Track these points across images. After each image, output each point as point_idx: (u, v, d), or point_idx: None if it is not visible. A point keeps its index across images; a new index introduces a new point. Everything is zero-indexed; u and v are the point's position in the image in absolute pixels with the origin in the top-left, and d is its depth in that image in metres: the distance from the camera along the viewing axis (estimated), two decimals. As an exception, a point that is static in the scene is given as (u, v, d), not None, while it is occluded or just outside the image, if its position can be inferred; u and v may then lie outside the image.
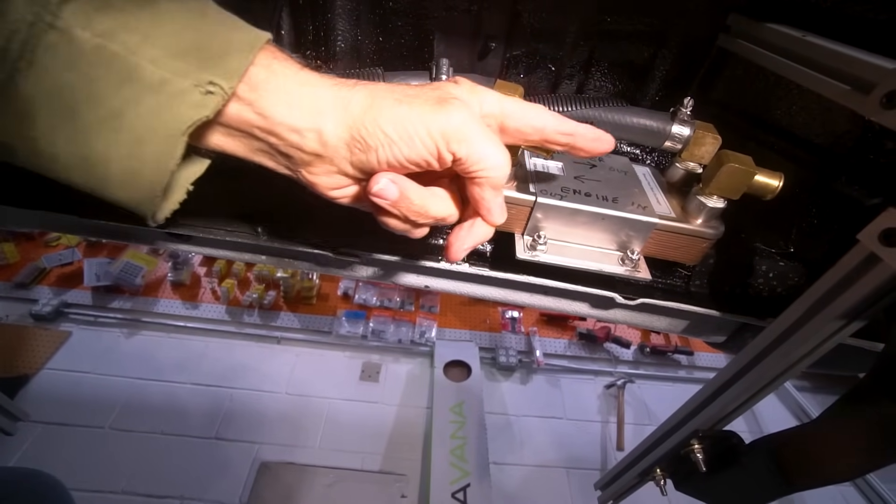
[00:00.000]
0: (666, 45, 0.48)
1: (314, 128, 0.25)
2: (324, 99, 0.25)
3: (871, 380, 0.36)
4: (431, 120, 0.25)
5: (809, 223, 0.44)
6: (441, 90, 0.27)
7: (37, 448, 1.39)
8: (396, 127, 0.25)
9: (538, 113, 0.30)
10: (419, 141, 0.26)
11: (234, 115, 0.25)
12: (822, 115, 0.42)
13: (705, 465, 0.46)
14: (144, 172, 0.24)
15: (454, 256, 0.32)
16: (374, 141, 0.26)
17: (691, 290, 0.48)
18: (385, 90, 0.27)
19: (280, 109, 0.25)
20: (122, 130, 0.22)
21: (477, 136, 0.26)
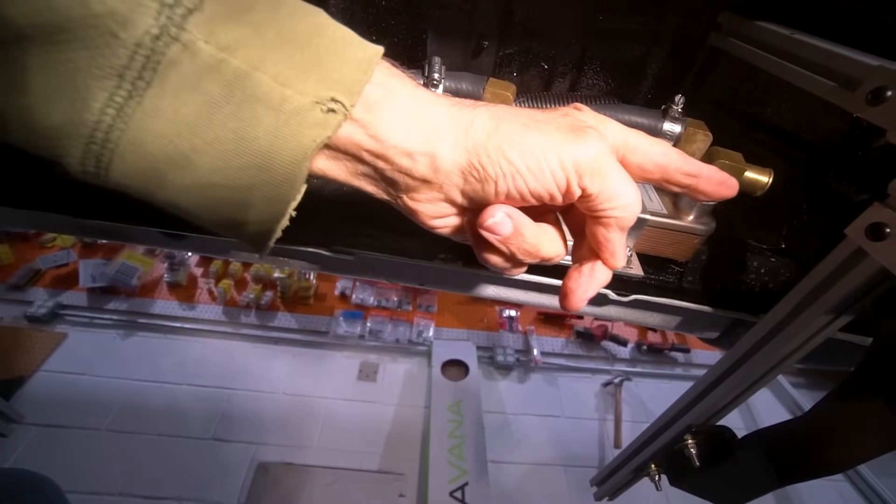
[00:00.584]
0: (658, 43, 0.48)
1: (428, 152, 0.23)
2: (441, 119, 0.24)
3: (859, 373, 0.37)
4: (565, 150, 0.23)
5: (800, 219, 0.45)
6: (571, 117, 0.25)
7: (32, 450, 1.38)
8: (524, 156, 0.23)
9: (663, 149, 0.27)
10: (549, 172, 0.23)
11: (345, 138, 0.23)
12: (811, 112, 0.42)
13: (699, 460, 0.46)
14: (262, 205, 0.22)
15: (576, 306, 0.29)
16: (496, 170, 0.23)
17: (684, 287, 0.48)
18: (510, 114, 0.24)
19: (395, 133, 0.23)
20: (244, 155, 0.21)
21: (612, 172, 0.24)
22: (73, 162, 0.19)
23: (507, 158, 0.23)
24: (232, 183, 0.21)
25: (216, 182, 0.21)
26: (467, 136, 0.23)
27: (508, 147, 0.23)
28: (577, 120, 0.25)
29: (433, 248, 0.48)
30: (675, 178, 0.27)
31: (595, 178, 0.24)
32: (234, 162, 0.21)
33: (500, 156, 0.23)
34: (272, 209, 0.22)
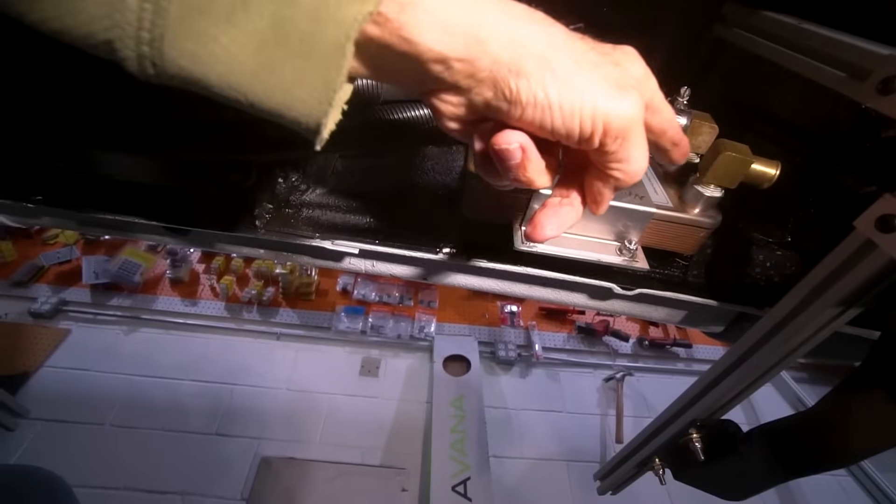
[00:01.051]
0: (662, 35, 0.48)
1: (467, 58, 0.22)
2: (488, 26, 0.21)
3: (866, 367, 0.36)
4: (603, 104, 0.22)
5: (806, 212, 0.44)
6: (621, 68, 0.24)
7: (38, 445, 1.39)
8: (562, 95, 0.22)
9: (672, 114, 0.28)
10: (578, 120, 0.23)
11: (375, 38, 0.21)
12: (819, 103, 0.42)
13: (703, 454, 0.46)
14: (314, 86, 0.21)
15: (541, 238, 0.29)
16: (528, 97, 0.22)
17: (689, 280, 0.48)
18: (563, 43, 0.23)
19: (431, 35, 0.21)
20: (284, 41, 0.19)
21: (636, 138, 0.24)
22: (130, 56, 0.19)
23: (546, 91, 0.22)
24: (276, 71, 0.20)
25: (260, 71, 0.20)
26: (514, 53, 0.22)
27: (551, 81, 0.22)
28: (626, 75, 0.24)
29: (438, 240, 0.47)
30: (664, 141, 0.28)
31: (618, 140, 0.23)
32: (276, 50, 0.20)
33: (539, 86, 0.22)
34: (319, 95, 0.21)
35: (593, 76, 0.22)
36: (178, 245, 1.73)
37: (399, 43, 0.21)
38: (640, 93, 0.24)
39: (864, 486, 1.67)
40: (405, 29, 0.21)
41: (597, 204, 0.28)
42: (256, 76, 0.20)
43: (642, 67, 0.25)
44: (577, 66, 0.22)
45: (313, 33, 0.20)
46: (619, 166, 0.25)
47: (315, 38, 0.20)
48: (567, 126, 0.23)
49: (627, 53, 0.25)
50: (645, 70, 0.26)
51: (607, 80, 0.23)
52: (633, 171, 0.25)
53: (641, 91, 0.24)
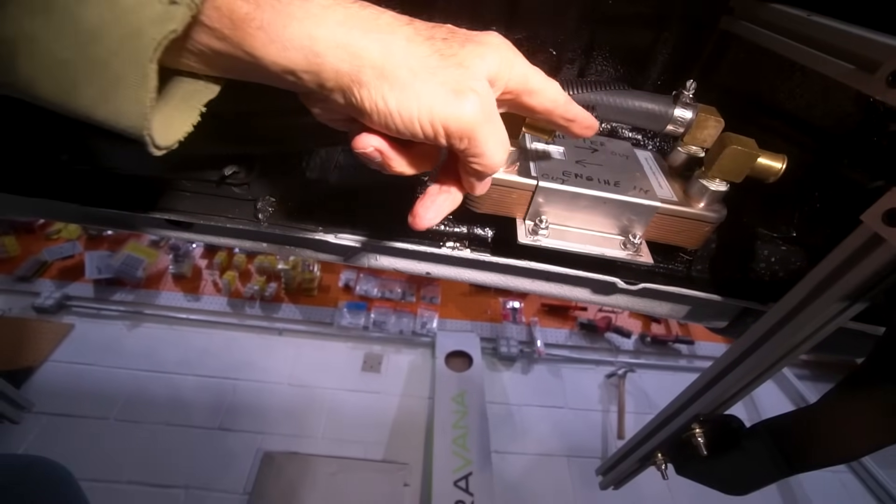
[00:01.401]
0: (668, 28, 0.47)
1: (311, 70, 0.23)
2: (322, 41, 0.22)
3: (871, 363, 0.36)
4: (439, 111, 0.24)
5: (812, 207, 0.44)
6: (463, 70, 0.24)
7: (43, 438, 1.40)
8: (400, 105, 0.23)
9: (554, 95, 0.29)
10: (419, 125, 0.24)
11: (222, 51, 0.22)
12: (826, 96, 0.42)
13: (706, 449, 0.46)
14: (124, 107, 0.21)
15: (421, 227, 0.31)
16: (371, 105, 0.24)
17: (693, 275, 0.48)
18: (403, 51, 0.23)
19: (271, 50, 0.22)
20: (90, 59, 0.20)
21: (482, 135, 0.25)
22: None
23: (384, 100, 0.23)
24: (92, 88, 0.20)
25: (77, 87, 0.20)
26: (352, 65, 0.23)
27: (388, 90, 0.23)
28: (468, 76, 0.24)
29: (441, 234, 0.47)
30: (555, 119, 0.30)
31: (462, 140, 0.25)
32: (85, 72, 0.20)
33: (379, 95, 0.23)
34: (135, 111, 0.21)
35: (429, 84, 0.23)
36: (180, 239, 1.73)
37: (245, 56, 0.22)
38: (482, 94, 0.24)
39: (865, 483, 1.68)
40: (245, 44, 0.22)
41: (470, 187, 0.30)
42: (76, 91, 0.21)
43: (498, 60, 0.26)
44: (412, 75, 0.23)
45: (116, 54, 0.20)
46: (474, 160, 0.26)
47: (119, 57, 0.20)
48: (410, 130, 0.24)
49: (477, 50, 0.25)
50: (502, 61, 0.26)
51: (443, 85, 0.24)
52: (488, 163, 0.27)
53: (481, 96, 0.25)
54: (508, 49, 0.27)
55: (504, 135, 0.27)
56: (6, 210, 0.49)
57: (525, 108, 0.30)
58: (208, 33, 0.21)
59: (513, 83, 0.27)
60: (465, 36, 0.26)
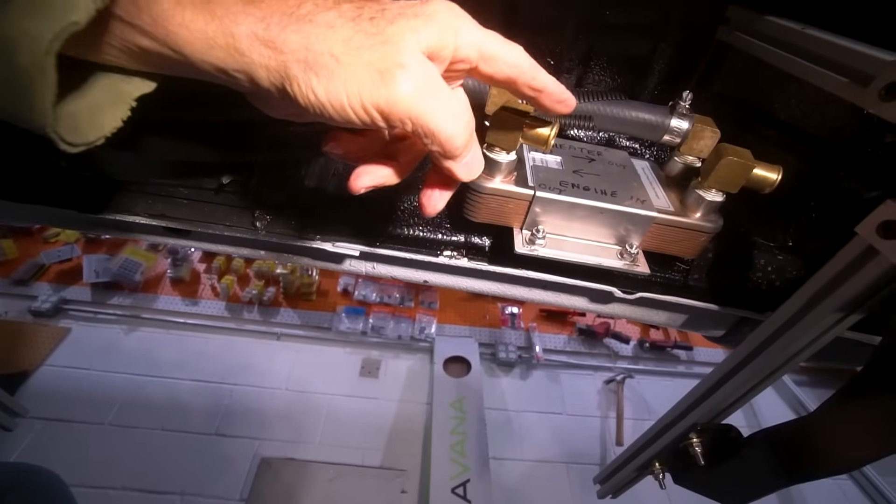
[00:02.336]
0: (665, 38, 0.48)
1: (239, 69, 0.22)
2: (243, 38, 0.21)
3: (868, 372, 0.36)
4: (368, 95, 0.22)
5: (808, 217, 0.44)
6: (391, 45, 0.22)
7: (37, 444, 1.39)
8: (329, 94, 0.22)
9: (515, 60, 0.26)
10: (352, 113, 0.23)
11: (151, 49, 0.21)
12: (821, 108, 0.42)
13: (704, 459, 0.46)
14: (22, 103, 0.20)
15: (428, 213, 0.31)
16: (304, 99, 0.22)
17: (690, 284, 0.48)
18: (322, 38, 0.22)
19: (196, 48, 0.21)
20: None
21: (423, 113, 0.23)
22: None
23: (314, 92, 0.22)
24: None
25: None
26: (277, 60, 0.22)
27: (316, 82, 0.22)
28: (393, 54, 0.22)
29: (438, 243, 0.47)
30: (521, 89, 0.28)
31: (405, 122, 0.23)
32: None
33: (308, 88, 0.22)
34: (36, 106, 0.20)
35: (354, 68, 0.22)
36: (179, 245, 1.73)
37: (174, 55, 0.21)
38: (413, 69, 0.22)
39: (864, 490, 1.67)
40: (170, 42, 0.21)
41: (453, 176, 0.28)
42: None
43: (436, 30, 0.23)
44: (335, 62, 0.22)
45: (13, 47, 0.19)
46: (428, 141, 0.24)
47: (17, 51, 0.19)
48: (346, 119, 0.23)
49: (409, 24, 0.23)
50: (442, 30, 0.24)
51: (367, 67, 0.22)
52: (442, 141, 0.24)
53: (437, 58, 0.24)
54: (451, 16, 0.24)
55: (456, 106, 0.24)
56: (5, 217, 0.49)
57: (485, 78, 0.27)
58: (130, 30, 0.21)
59: (462, 51, 0.25)
60: (398, 11, 0.24)
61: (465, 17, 0.25)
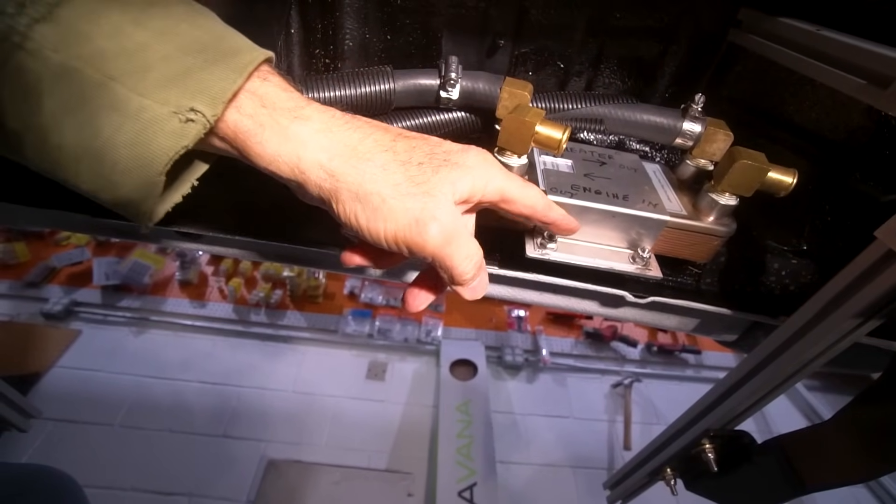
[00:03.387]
0: (676, 41, 0.47)
1: (297, 181, 0.26)
2: (306, 161, 0.25)
3: (886, 379, 0.36)
4: (402, 235, 0.26)
5: (823, 220, 0.43)
6: (430, 198, 0.27)
7: (48, 445, 1.40)
8: (369, 223, 0.26)
9: (531, 202, 0.31)
10: (385, 242, 0.27)
11: (218, 147, 0.25)
12: (836, 110, 0.41)
13: (717, 465, 0.45)
14: (131, 201, 0.24)
15: (411, 310, 0.35)
16: (346, 219, 0.27)
17: (702, 289, 0.48)
18: (375, 179, 0.26)
19: (265, 160, 0.25)
20: (105, 159, 0.22)
21: (443, 256, 0.27)
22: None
23: (356, 217, 0.26)
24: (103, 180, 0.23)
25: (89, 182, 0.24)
26: (331, 184, 0.26)
27: (360, 211, 0.26)
28: (431, 208, 0.26)
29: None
30: (536, 222, 0.34)
31: (427, 258, 0.28)
32: (96, 165, 0.23)
33: (352, 213, 0.26)
34: (138, 210, 0.25)
35: (395, 212, 0.26)
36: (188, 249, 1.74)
37: (240, 157, 0.26)
38: (444, 223, 0.27)
39: (877, 496, 1.64)
40: (243, 150, 0.25)
41: (462, 295, 0.32)
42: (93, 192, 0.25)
43: (472, 181, 0.28)
44: (381, 202, 0.26)
45: (130, 161, 0.23)
46: (440, 270, 0.29)
47: (133, 166, 0.23)
48: (376, 242, 0.27)
49: (450, 175, 0.27)
50: (475, 181, 0.28)
51: (407, 213, 0.26)
52: (454, 276, 0.29)
53: (469, 202, 0.29)
54: (484, 167, 0.29)
55: (470, 248, 0.29)
56: (19, 220, 0.49)
57: (504, 212, 0.32)
58: (213, 137, 0.25)
59: (488, 197, 0.30)
60: (444, 157, 0.28)
61: (495, 166, 0.30)
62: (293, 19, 0.45)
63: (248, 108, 0.24)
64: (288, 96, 0.26)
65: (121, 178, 0.23)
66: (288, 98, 0.26)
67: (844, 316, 0.32)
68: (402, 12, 0.46)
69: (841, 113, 0.41)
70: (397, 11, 0.46)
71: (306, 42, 0.47)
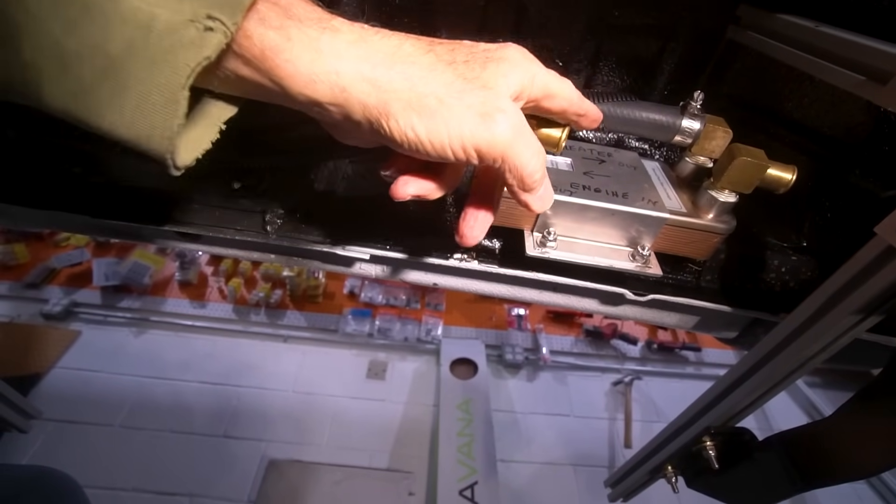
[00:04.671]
0: (674, 38, 0.47)
1: (337, 103, 0.23)
2: (347, 75, 0.23)
3: (888, 375, 0.36)
4: (470, 136, 0.24)
5: (822, 216, 0.43)
6: (488, 91, 0.24)
7: (49, 445, 1.40)
8: (430, 133, 0.24)
9: (570, 94, 0.29)
10: (450, 151, 0.24)
11: (249, 78, 0.22)
12: (836, 106, 0.41)
13: (718, 462, 0.46)
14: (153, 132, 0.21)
15: (470, 244, 0.32)
16: (401, 135, 0.24)
17: (702, 286, 0.48)
18: (426, 80, 0.24)
19: (298, 81, 0.22)
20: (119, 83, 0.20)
21: (514, 152, 0.25)
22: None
23: (414, 129, 0.24)
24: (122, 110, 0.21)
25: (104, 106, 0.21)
26: (378, 98, 0.23)
27: (418, 120, 0.23)
28: (494, 96, 0.25)
29: (449, 245, 0.47)
30: (569, 116, 0.31)
31: (498, 160, 0.25)
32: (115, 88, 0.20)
33: (408, 126, 0.23)
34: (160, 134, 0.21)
35: (456, 110, 0.24)
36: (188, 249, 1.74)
37: (271, 85, 0.23)
38: (510, 113, 0.25)
39: (878, 492, 1.64)
40: (273, 74, 0.22)
41: (527, 207, 0.29)
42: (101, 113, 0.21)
43: (520, 74, 0.26)
44: (439, 103, 0.24)
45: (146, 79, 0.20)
46: (509, 175, 0.26)
47: (149, 83, 0.20)
48: (441, 155, 0.25)
49: (499, 69, 0.25)
50: (524, 75, 0.26)
51: (470, 109, 0.24)
52: (525, 175, 0.26)
53: (509, 114, 0.25)
54: (528, 61, 0.27)
55: (537, 144, 0.27)
56: (20, 221, 0.49)
57: (543, 110, 0.30)
58: (237, 60, 0.22)
59: (534, 93, 0.27)
60: (485, 55, 0.26)
61: (535, 61, 0.27)
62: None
63: (272, 19, 0.21)
64: (312, 7, 0.23)
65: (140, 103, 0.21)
66: (312, 9, 0.23)
67: (845, 312, 0.32)
68: (400, 11, 0.46)
69: (840, 109, 0.41)
70: (396, 10, 0.46)
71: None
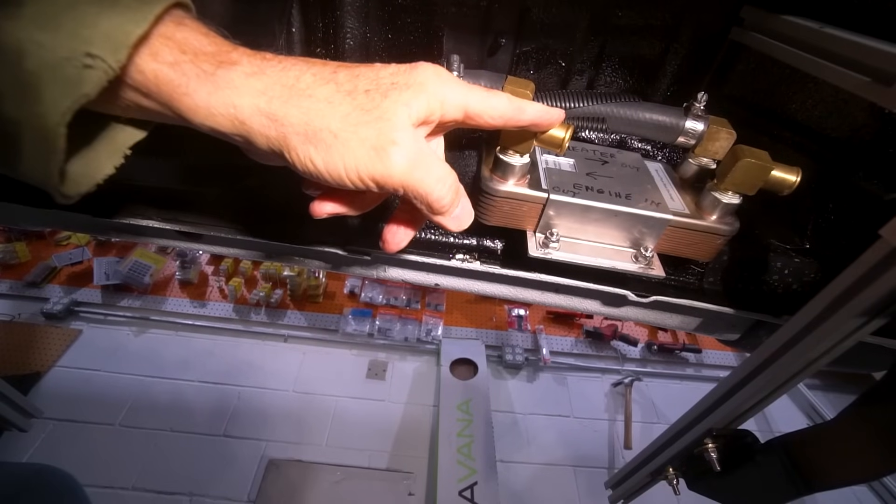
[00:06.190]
0: (678, 39, 0.47)
1: (240, 135, 0.23)
2: (244, 109, 0.23)
3: (890, 379, 0.36)
4: (365, 169, 0.24)
5: (826, 218, 0.43)
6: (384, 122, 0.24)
7: (49, 444, 1.40)
8: (327, 164, 0.24)
9: (501, 109, 0.28)
10: (349, 182, 0.25)
11: (147, 107, 0.22)
12: (840, 108, 0.41)
13: (719, 465, 0.45)
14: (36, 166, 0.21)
15: (390, 249, 0.32)
16: (302, 166, 0.24)
17: (705, 288, 0.47)
18: (322, 114, 0.23)
19: (198, 114, 0.22)
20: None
21: (416, 181, 0.25)
22: None
23: (312, 161, 0.24)
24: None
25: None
26: (277, 131, 0.23)
27: (315, 153, 0.24)
28: (388, 131, 0.24)
29: (451, 246, 0.47)
30: (512, 128, 0.31)
31: (397, 189, 0.25)
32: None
33: (307, 158, 0.24)
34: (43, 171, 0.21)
35: (350, 144, 0.24)
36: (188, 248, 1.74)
37: (174, 116, 0.23)
38: (405, 145, 0.24)
39: (877, 494, 1.64)
40: (172, 106, 0.22)
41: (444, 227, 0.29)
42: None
43: (425, 100, 0.25)
44: (334, 138, 0.23)
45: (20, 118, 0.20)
46: (416, 201, 0.26)
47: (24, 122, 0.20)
48: (341, 184, 0.25)
49: (401, 96, 0.25)
50: (430, 99, 0.25)
51: (364, 143, 0.24)
52: (430, 203, 0.26)
53: (428, 123, 0.26)
54: (439, 84, 0.26)
55: (441, 170, 0.26)
56: (20, 220, 0.49)
57: (476, 127, 0.29)
58: (134, 92, 0.22)
59: (449, 115, 0.27)
60: (391, 81, 0.25)
61: (450, 80, 0.27)
62: (294, 18, 0.45)
63: (165, 55, 0.21)
64: (209, 41, 0.23)
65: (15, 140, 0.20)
66: (209, 42, 0.23)
67: (848, 315, 0.32)
68: (403, 11, 0.46)
69: (844, 110, 0.41)
70: (398, 10, 0.46)
71: (307, 41, 0.47)
